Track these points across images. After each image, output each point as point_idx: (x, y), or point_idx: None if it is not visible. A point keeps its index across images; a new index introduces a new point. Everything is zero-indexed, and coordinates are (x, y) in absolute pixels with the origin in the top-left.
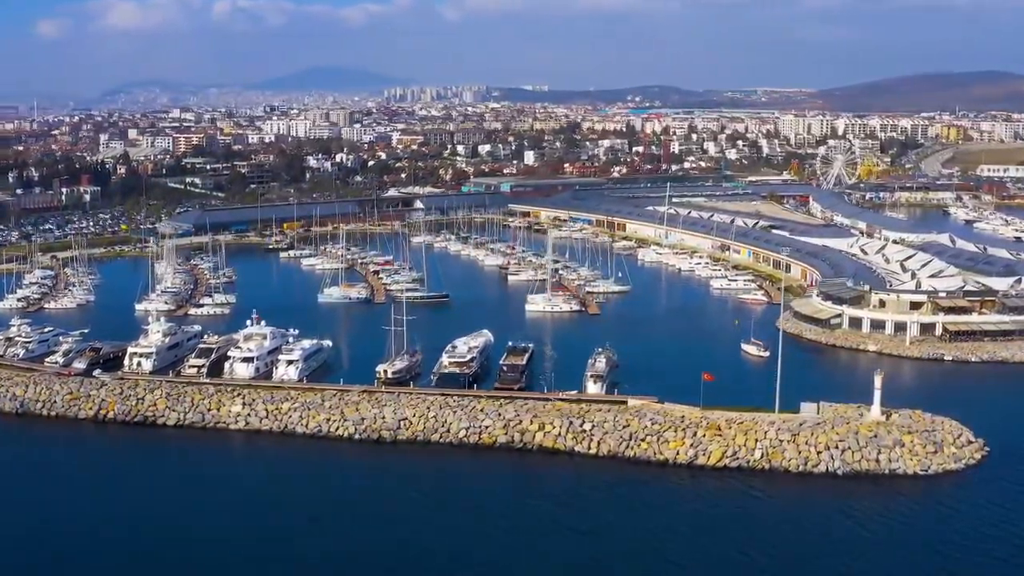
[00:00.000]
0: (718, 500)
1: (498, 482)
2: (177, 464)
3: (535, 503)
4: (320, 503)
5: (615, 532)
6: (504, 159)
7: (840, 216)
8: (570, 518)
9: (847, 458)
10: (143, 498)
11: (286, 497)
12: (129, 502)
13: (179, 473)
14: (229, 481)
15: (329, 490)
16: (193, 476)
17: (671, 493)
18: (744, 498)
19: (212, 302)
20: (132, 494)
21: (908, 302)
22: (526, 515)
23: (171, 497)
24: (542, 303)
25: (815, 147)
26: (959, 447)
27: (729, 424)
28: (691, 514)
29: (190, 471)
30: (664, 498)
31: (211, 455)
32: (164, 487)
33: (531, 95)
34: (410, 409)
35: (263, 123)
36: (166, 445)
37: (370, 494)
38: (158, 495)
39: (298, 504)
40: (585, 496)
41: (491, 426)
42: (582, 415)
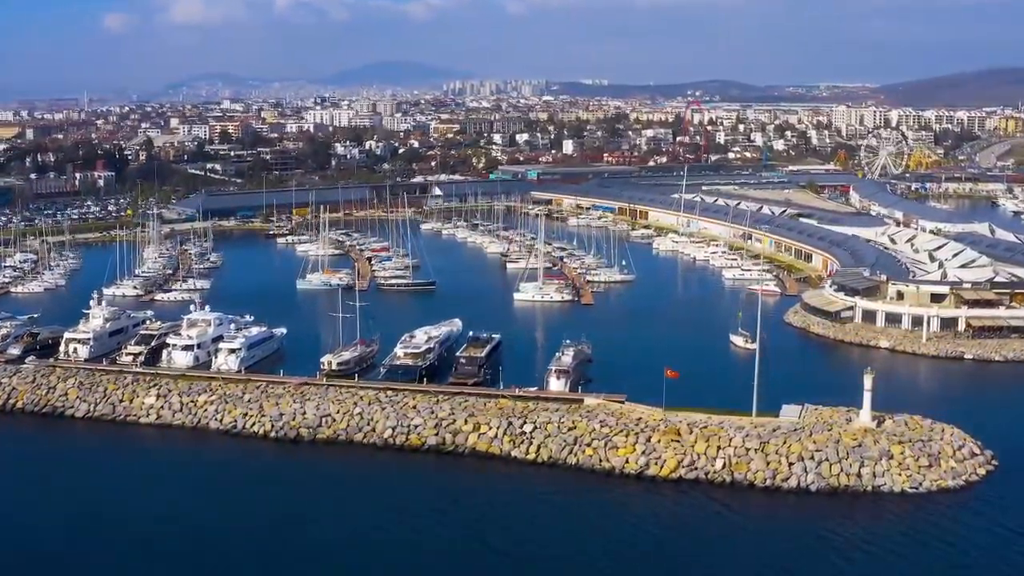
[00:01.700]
0: (665, 518)
1: (414, 491)
2: (67, 461)
3: (453, 516)
4: (194, 513)
5: (536, 554)
6: (542, 148)
7: (877, 205)
8: (489, 535)
9: (823, 471)
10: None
11: (158, 504)
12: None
13: (62, 471)
14: (109, 482)
15: (212, 498)
16: (79, 474)
17: (610, 508)
18: (696, 517)
19: (183, 287)
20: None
21: (928, 294)
22: (438, 529)
23: (28, 499)
24: (532, 292)
25: (867, 139)
26: (959, 460)
27: (691, 429)
28: (629, 534)
29: (77, 469)
30: (601, 514)
31: (106, 452)
32: (30, 486)
33: (590, 89)
34: (335, 405)
35: (307, 113)
36: (66, 438)
37: (257, 504)
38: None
39: (168, 512)
40: (511, 510)
41: (421, 426)
42: (524, 415)
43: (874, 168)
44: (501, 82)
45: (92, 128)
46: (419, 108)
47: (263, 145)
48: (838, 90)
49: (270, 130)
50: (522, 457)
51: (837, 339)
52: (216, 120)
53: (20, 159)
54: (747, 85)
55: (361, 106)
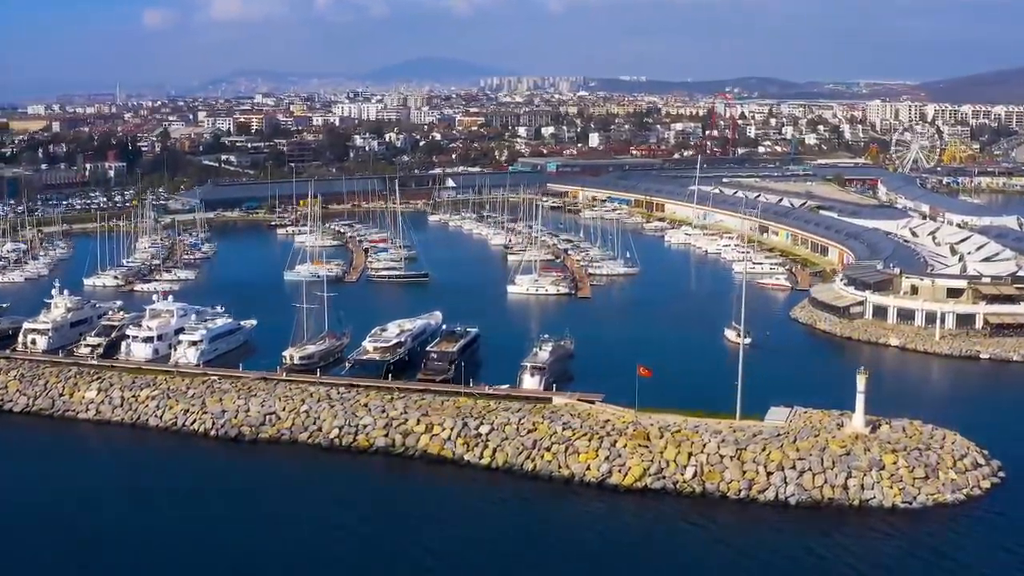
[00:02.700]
0: (621, 532)
1: (352, 497)
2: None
3: (381, 526)
4: (108, 514)
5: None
6: (568, 141)
7: (903, 198)
8: (415, 550)
9: (805, 482)
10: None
11: (68, 503)
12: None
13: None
14: (31, 481)
15: (133, 501)
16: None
17: (561, 520)
18: (658, 531)
19: (165, 278)
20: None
21: (945, 289)
22: (372, 542)
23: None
24: (527, 285)
25: (900, 133)
26: (960, 472)
27: (662, 433)
28: (577, 550)
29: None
30: (550, 527)
31: (36, 450)
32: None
33: (628, 86)
34: (282, 402)
35: (336, 107)
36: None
37: (179, 507)
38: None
39: (78, 514)
40: (450, 523)
41: (370, 426)
42: (481, 416)
43: (905, 162)
44: (539, 79)
45: (119, 121)
46: (449, 103)
47: (282, 137)
48: (878, 87)
49: (295, 123)
50: (475, 462)
51: (844, 336)
52: (242, 113)
53: (33, 149)
54: (786, 82)
55: (392, 100)
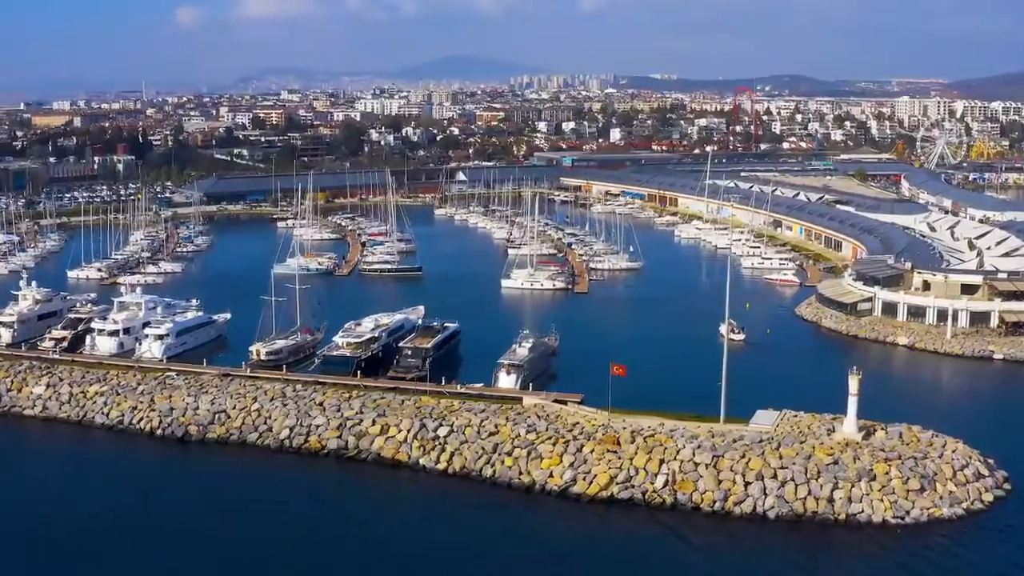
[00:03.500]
0: (580, 549)
1: (295, 506)
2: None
3: (320, 535)
4: (29, 519)
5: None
6: (589, 137)
7: (926, 193)
8: (353, 566)
9: (786, 494)
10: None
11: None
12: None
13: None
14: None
15: (60, 508)
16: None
17: (517, 533)
18: (621, 546)
19: (153, 271)
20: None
21: (959, 285)
22: (301, 552)
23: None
24: (521, 279)
25: (927, 129)
26: (960, 484)
27: (634, 437)
28: (528, 566)
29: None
30: (503, 540)
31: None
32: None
33: (658, 84)
34: (233, 400)
35: (359, 102)
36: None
37: (110, 514)
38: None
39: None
40: (404, 534)
41: (323, 426)
42: (441, 417)
43: (931, 158)
44: (569, 76)
45: (141, 117)
46: (474, 99)
47: (297, 131)
48: (911, 85)
49: (315, 118)
50: (431, 466)
51: (850, 334)
52: (262, 109)
53: (43, 143)
54: (817, 80)
55: (416, 96)
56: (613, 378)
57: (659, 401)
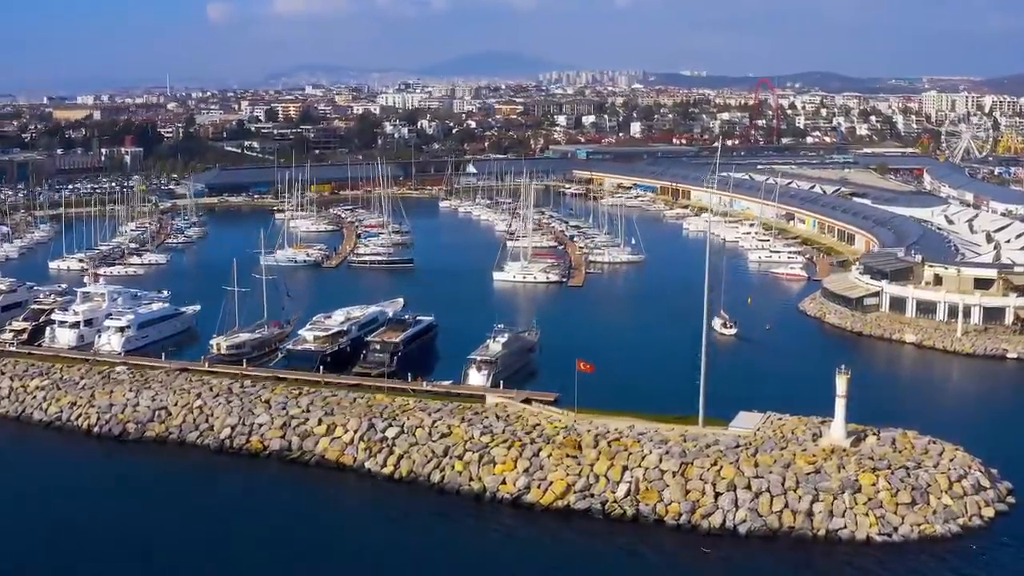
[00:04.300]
0: (525, 564)
1: (219, 512)
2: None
3: (242, 548)
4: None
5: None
6: (609, 130)
7: (947, 186)
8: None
9: (760, 506)
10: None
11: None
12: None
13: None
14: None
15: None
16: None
17: (459, 548)
18: (573, 564)
19: (136, 262)
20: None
21: (972, 279)
22: (221, 565)
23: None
24: (514, 272)
25: (955, 123)
26: (957, 496)
27: (597, 441)
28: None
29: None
30: (443, 557)
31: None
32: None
33: (688, 80)
34: (175, 396)
35: (380, 97)
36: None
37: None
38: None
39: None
40: (328, 544)
41: (266, 426)
42: (392, 417)
43: (956, 151)
44: (597, 73)
45: (161, 111)
46: (497, 94)
47: (310, 124)
48: (942, 82)
49: (334, 111)
50: (376, 470)
51: (855, 331)
52: (280, 103)
53: (51, 135)
54: (847, 77)
55: (440, 91)
56: (584, 376)
57: (638, 401)
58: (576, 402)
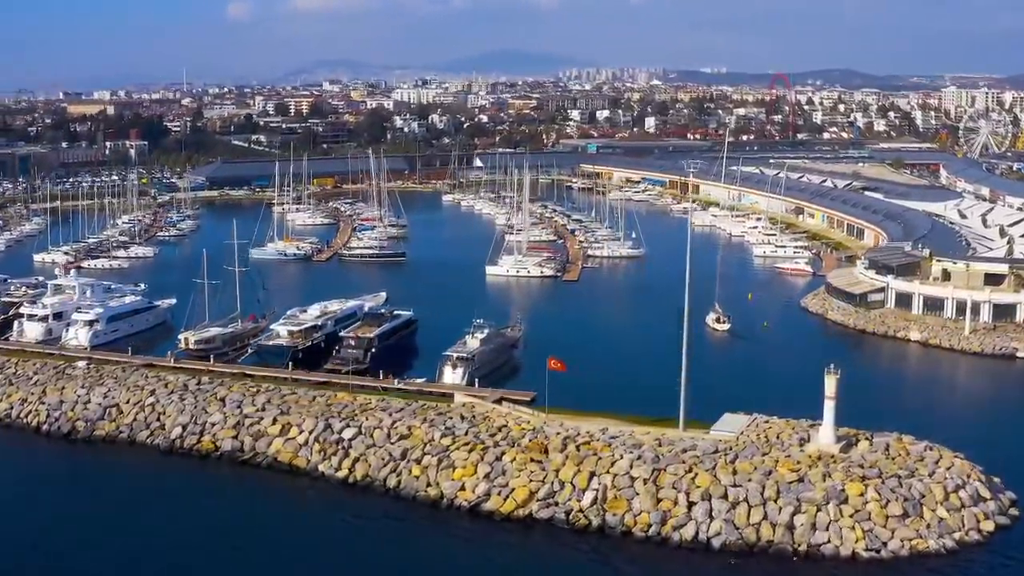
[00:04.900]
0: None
1: (155, 519)
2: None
3: (179, 560)
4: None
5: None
6: (623, 125)
7: (963, 181)
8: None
9: (737, 518)
10: None
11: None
12: None
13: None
14: None
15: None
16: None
17: (408, 560)
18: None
19: (122, 255)
20: None
21: (982, 274)
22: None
23: None
24: (508, 266)
25: (974, 120)
26: (953, 508)
27: (565, 444)
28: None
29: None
30: (393, 571)
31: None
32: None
33: (707, 77)
34: (128, 393)
35: (395, 92)
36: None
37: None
38: None
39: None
40: (269, 554)
41: (218, 425)
42: (350, 416)
43: (974, 147)
44: (617, 70)
45: (175, 106)
46: (514, 89)
47: (320, 118)
48: (964, 80)
49: (347, 106)
50: (330, 473)
51: (857, 328)
52: (293, 98)
53: (56, 129)
54: (869, 75)
55: (456, 87)
56: (562, 375)
57: (620, 401)
58: (547, 402)
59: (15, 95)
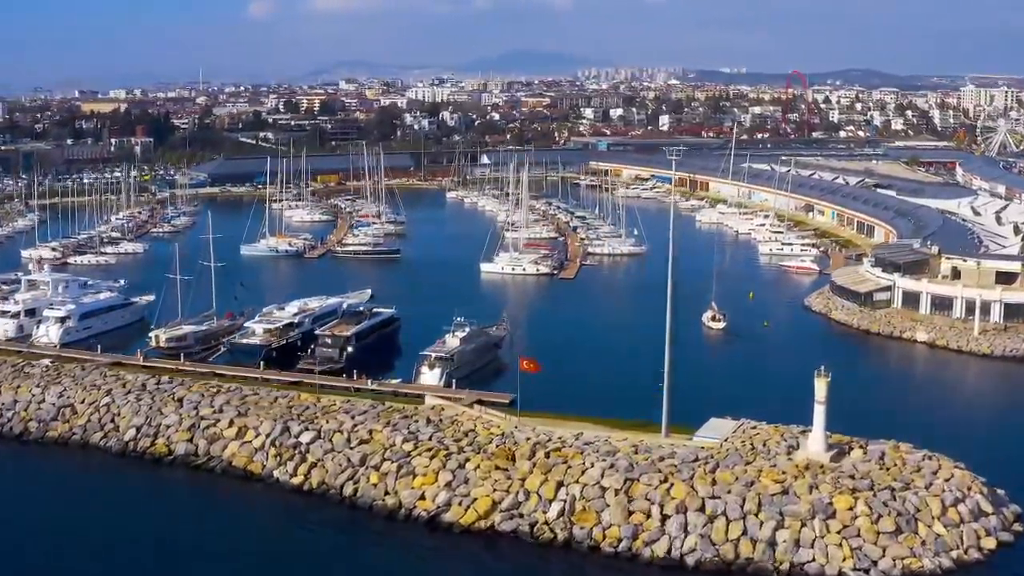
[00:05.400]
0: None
1: (98, 532)
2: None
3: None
4: None
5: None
6: (637, 124)
7: (979, 179)
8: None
9: (714, 533)
10: None
11: None
12: None
13: None
14: None
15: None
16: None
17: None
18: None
19: (111, 251)
20: None
21: (993, 272)
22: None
23: None
24: (503, 263)
25: (994, 118)
26: (952, 524)
27: (535, 451)
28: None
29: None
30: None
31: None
32: None
33: (727, 77)
34: (84, 393)
35: (410, 91)
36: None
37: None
38: None
39: None
40: (221, 566)
41: (173, 427)
42: (310, 419)
43: (992, 145)
44: (636, 70)
45: (189, 104)
46: (530, 88)
47: (329, 115)
48: (985, 80)
49: (360, 104)
50: (285, 480)
51: (862, 328)
52: (305, 95)
53: (62, 126)
54: (889, 75)
55: (472, 85)
56: (543, 377)
57: (603, 404)
58: (521, 405)
59: (32, 93)
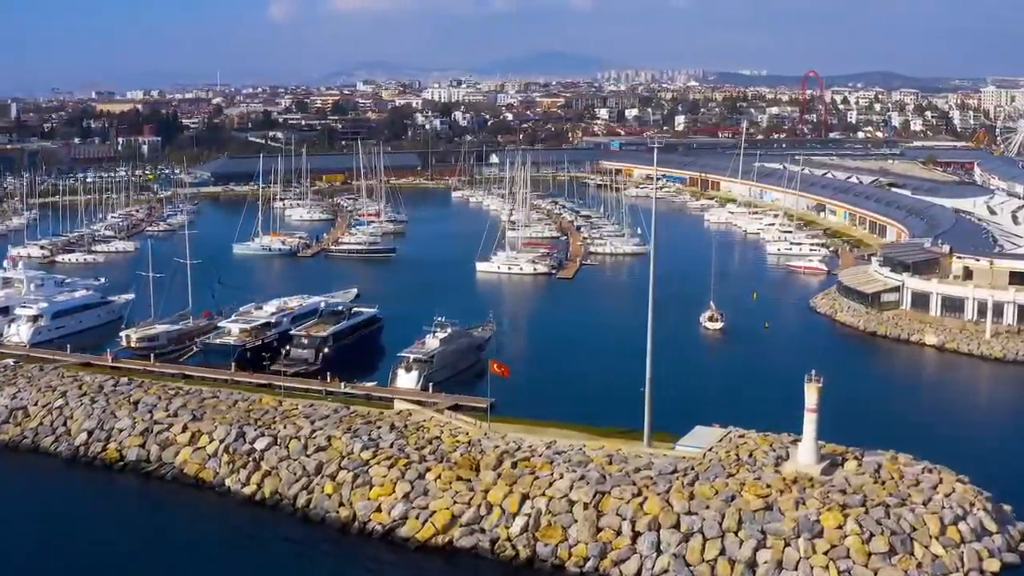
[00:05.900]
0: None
1: (32, 546)
2: None
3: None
4: None
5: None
6: (652, 124)
7: (997, 179)
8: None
9: (689, 553)
10: None
11: None
12: None
13: None
14: None
15: None
16: None
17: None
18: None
19: (101, 249)
20: None
21: (1007, 272)
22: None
23: None
24: (500, 262)
25: (1015, 119)
26: (951, 544)
27: (501, 460)
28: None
29: None
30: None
31: None
32: None
33: (747, 79)
34: (38, 395)
35: (426, 91)
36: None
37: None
38: None
39: None
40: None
41: (125, 432)
42: (267, 424)
43: (1012, 145)
44: (657, 72)
45: (203, 104)
46: (547, 89)
47: (341, 115)
48: (1007, 82)
49: (374, 104)
50: (237, 489)
51: (868, 331)
52: (319, 96)
53: (70, 125)
54: (910, 77)
55: (489, 86)
56: (513, 381)
57: (588, 408)
58: (492, 410)
59: (50, 94)
